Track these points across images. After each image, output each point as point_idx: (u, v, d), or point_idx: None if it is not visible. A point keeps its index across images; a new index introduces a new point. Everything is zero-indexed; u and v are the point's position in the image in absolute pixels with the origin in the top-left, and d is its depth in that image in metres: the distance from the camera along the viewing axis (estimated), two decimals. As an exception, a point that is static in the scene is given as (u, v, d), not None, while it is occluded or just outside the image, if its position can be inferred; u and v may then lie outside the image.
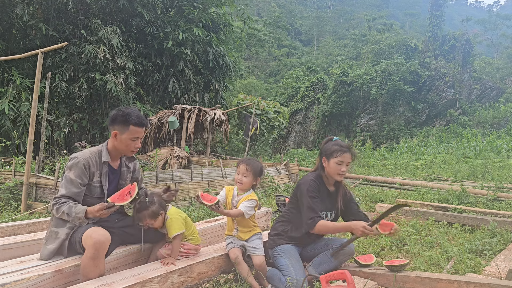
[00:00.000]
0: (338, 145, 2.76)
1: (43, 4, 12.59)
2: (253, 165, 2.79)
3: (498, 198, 6.31)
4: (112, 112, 2.58)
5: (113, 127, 2.54)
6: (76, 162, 2.46)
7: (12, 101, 10.59)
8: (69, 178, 2.43)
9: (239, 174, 2.79)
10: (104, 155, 2.56)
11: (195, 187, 6.80)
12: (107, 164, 2.59)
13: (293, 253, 2.79)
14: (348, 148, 2.77)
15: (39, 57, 5.51)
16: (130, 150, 2.58)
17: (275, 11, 72.57)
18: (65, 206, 2.36)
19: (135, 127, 2.51)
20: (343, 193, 2.91)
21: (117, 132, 2.53)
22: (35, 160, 6.53)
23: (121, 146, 2.56)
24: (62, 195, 2.40)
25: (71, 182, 2.43)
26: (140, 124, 2.52)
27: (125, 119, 2.50)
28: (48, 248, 2.40)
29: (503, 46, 45.64)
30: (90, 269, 2.21)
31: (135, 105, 13.26)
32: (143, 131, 2.57)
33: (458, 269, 3.06)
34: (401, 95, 26.06)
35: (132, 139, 2.53)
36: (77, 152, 2.55)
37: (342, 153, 2.72)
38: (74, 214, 2.31)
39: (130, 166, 2.80)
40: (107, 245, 2.27)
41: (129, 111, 2.52)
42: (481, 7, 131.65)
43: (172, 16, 15.80)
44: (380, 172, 12.09)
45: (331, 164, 2.75)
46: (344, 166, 2.73)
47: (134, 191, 2.47)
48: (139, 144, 2.59)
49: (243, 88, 35.71)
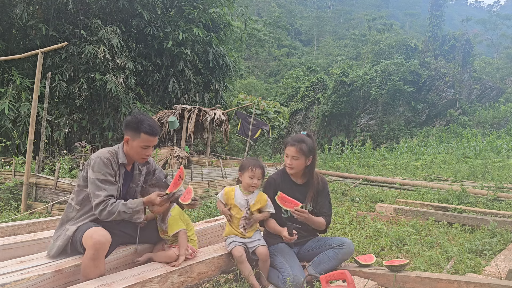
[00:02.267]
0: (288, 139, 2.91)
1: (43, 4, 12.60)
2: (264, 169, 2.90)
3: (498, 198, 6.31)
4: (127, 117, 2.57)
5: (126, 132, 2.53)
6: (99, 161, 2.42)
7: (12, 101, 10.59)
8: (100, 179, 2.38)
9: (253, 178, 2.78)
10: (121, 157, 2.54)
11: (195, 187, 6.80)
12: (123, 166, 2.58)
13: (286, 250, 2.81)
14: (291, 140, 2.87)
15: (39, 57, 5.51)
16: (140, 157, 2.56)
17: (275, 11, 72.58)
18: (118, 205, 2.34)
19: (146, 135, 2.47)
20: (316, 187, 2.95)
21: (128, 138, 2.51)
22: (35, 160, 6.53)
23: (132, 153, 2.54)
24: (107, 197, 2.35)
25: (105, 182, 2.39)
26: (151, 133, 2.48)
27: (137, 126, 2.47)
28: (55, 244, 2.40)
29: (503, 46, 45.65)
30: (90, 269, 2.21)
31: (135, 105, 13.26)
32: (155, 140, 2.53)
33: (458, 269, 3.06)
34: (401, 95, 26.07)
35: (143, 147, 2.50)
36: (95, 153, 2.52)
37: (287, 145, 2.88)
38: (131, 210, 2.33)
39: (143, 170, 2.77)
40: (107, 246, 2.26)
41: (142, 118, 2.48)
42: (481, 7, 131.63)
43: (172, 16, 15.81)
44: (380, 172, 12.09)
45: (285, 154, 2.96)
46: (289, 158, 2.85)
47: (184, 174, 2.57)
48: (150, 152, 2.57)
49: (243, 88, 35.72)
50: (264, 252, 2.74)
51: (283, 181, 2.94)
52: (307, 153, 2.82)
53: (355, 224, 4.76)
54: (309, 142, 2.85)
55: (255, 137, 14.22)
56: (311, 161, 2.89)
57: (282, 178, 2.95)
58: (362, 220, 4.96)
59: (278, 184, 2.92)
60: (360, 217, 5.18)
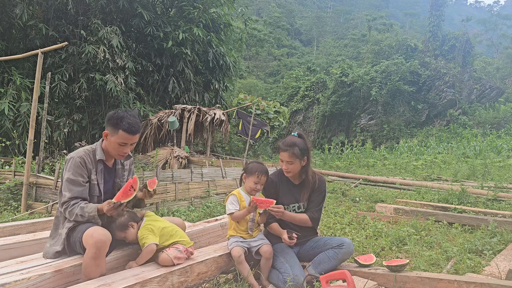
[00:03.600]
0: (280, 144, 2.90)
1: (43, 4, 12.59)
2: (269, 174, 2.89)
3: (498, 198, 6.31)
4: (110, 112, 2.56)
5: (106, 127, 2.53)
6: (72, 161, 2.45)
7: (12, 101, 10.58)
8: (69, 179, 2.42)
9: (258, 184, 2.79)
10: (98, 153, 2.55)
11: (195, 187, 6.80)
12: (101, 162, 2.58)
13: (286, 250, 2.82)
14: (282, 146, 2.87)
15: (39, 57, 5.51)
16: (117, 153, 2.55)
17: (275, 11, 72.55)
18: (76, 208, 2.35)
19: (124, 133, 2.46)
20: (311, 185, 2.97)
21: (108, 133, 2.52)
22: (35, 160, 6.53)
23: (110, 148, 2.54)
24: (70, 198, 2.39)
25: (73, 182, 2.42)
26: (129, 131, 2.46)
27: (116, 122, 2.46)
28: (53, 248, 2.41)
29: (503, 46, 45.65)
30: (92, 268, 2.21)
31: (135, 105, 13.26)
32: (133, 138, 2.51)
33: (458, 269, 3.06)
34: (401, 95, 26.07)
35: (120, 143, 2.49)
36: (71, 152, 2.54)
37: (280, 150, 2.87)
38: (87, 214, 2.32)
39: (126, 164, 2.77)
40: (108, 244, 2.26)
41: (123, 115, 2.47)
42: (481, 7, 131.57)
43: (172, 16, 15.80)
44: (380, 172, 12.10)
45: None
46: (283, 163, 2.86)
47: (137, 185, 2.45)
48: (127, 150, 2.55)
49: (243, 88, 35.71)
50: (269, 250, 2.76)
51: (281, 181, 2.99)
52: (300, 156, 2.84)
53: (355, 224, 4.76)
54: (301, 143, 2.85)
55: (255, 137, 14.23)
56: (306, 161, 2.90)
57: (280, 179, 2.99)
58: (362, 220, 4.96)
59: (276, 184, 2.96)
60: (360, 217, 5.18)
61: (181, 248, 2.53)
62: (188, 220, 5.01)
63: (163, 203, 5.72)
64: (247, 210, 2.71)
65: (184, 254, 2.52)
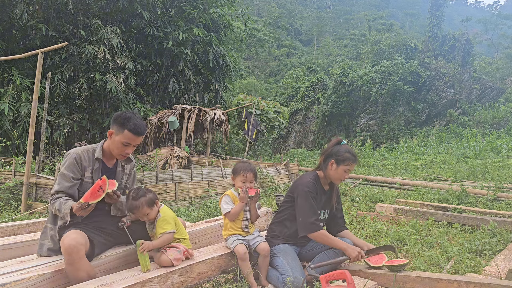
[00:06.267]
0: (350, 153, 2.83)
1: (43, 4, 12.59)
2: (256, 171, 2.97)
3: (498, 198, 6.31)
4: (117, 112, 2.61)
5: (112, 126, 2.57)
6: (69, 157, 2.50)
7: (12, 101, 10.58)
8: (62, 173, 2.47)
9: (245, 182, 2.86)
10: (97, 152, 2.58)
11: (195, 187, 6.80)
12: (99, 161, 2.59)
13: (289, 252, 2.82)
14: (356, 158, 2.88)
15: (39, 57, 5.51)
16: (119, 153, 2.57)
17: (275, 11, 72.58)
18: (57, 202, 2.38)
19: (129, 133, 2.49)
20: (336, 192, 3.07)
21: (113, 132, 2.55)
22: (35, 160, 6.53)
23: (112, 147, 2.57)
24: (56, 191, 2.44)
25: (63, 177, 2.46)
26: (135, 132, 2.50)
27: (123, 122, 2.50)
28: (43, 243, 2.44)
29: (503, 46, 45.65)
30: (72, 273, 2.18)
31: (135, 105, 13.26)
32: (137, 139, 2.55)
33: (458, 269, 3.07)
34: (401, 95, 26.06)
35: (124, 143, 2.52)
36: (72, 149, 2.58)
37: (352, 162, 2.82)
38: (63, 210, 2.33)
39: (126, 168, 2.78)
40: (81, 249, 2.20)
41: (130, 116, 2.52)
42: (481, 7, 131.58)
43: (172, 16, 15.80)
44: (380, 172, 12.10)
45: (339, 170, 2.83)
46: (348, 173, 2.86)
47: (105, 186, 2.37)
48: (129, 151, 2.58)
49: (243, 88, 35.74)
50: (266, 248, 2.79)
51: (317, 186, 2.94)
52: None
53: (355, 224, 4.76)
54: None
55: (253, 137, 14.28)
56: None
57: (316, 183, 2.95)
58: (362, 220, 4.96)
59: (316, 190, 2.92)
60: (360, 217, 5.18)
61: (181, 249, 2.53)
62: (188, 220, 5.01)
63: (163, 203, 5.71)
64: (240, 202, 2.80)
65: (183, 255, 2.53)
